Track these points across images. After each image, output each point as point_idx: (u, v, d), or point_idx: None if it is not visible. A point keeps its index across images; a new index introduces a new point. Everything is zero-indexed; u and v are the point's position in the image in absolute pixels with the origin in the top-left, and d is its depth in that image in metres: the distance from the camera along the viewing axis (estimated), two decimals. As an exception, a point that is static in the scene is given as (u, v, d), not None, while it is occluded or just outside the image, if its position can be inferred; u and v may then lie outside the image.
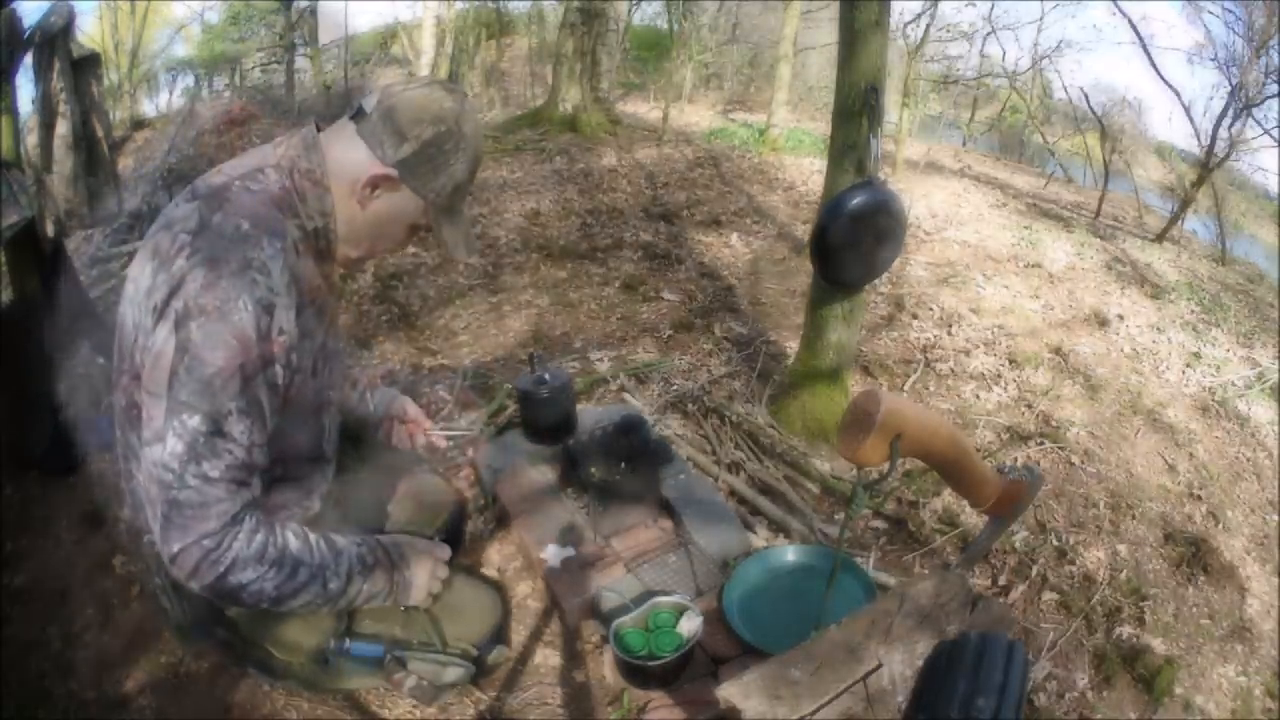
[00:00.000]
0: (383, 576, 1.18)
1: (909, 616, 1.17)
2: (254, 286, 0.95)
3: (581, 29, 6.61)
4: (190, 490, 0.95)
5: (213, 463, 0.96)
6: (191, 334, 0.93)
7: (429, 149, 1.06)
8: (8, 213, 2.10)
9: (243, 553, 1.00)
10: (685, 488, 1.96)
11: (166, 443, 0.94)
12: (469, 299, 3.47)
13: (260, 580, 1.02)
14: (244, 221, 0.98)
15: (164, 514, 0.96)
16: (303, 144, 1.07)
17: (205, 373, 0.93)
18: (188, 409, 0.93)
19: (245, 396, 0.97)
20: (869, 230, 2.10)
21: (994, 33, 7.87)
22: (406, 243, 1.19)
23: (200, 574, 0.99)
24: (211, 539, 0.97)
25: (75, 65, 2.60)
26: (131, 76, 9.53)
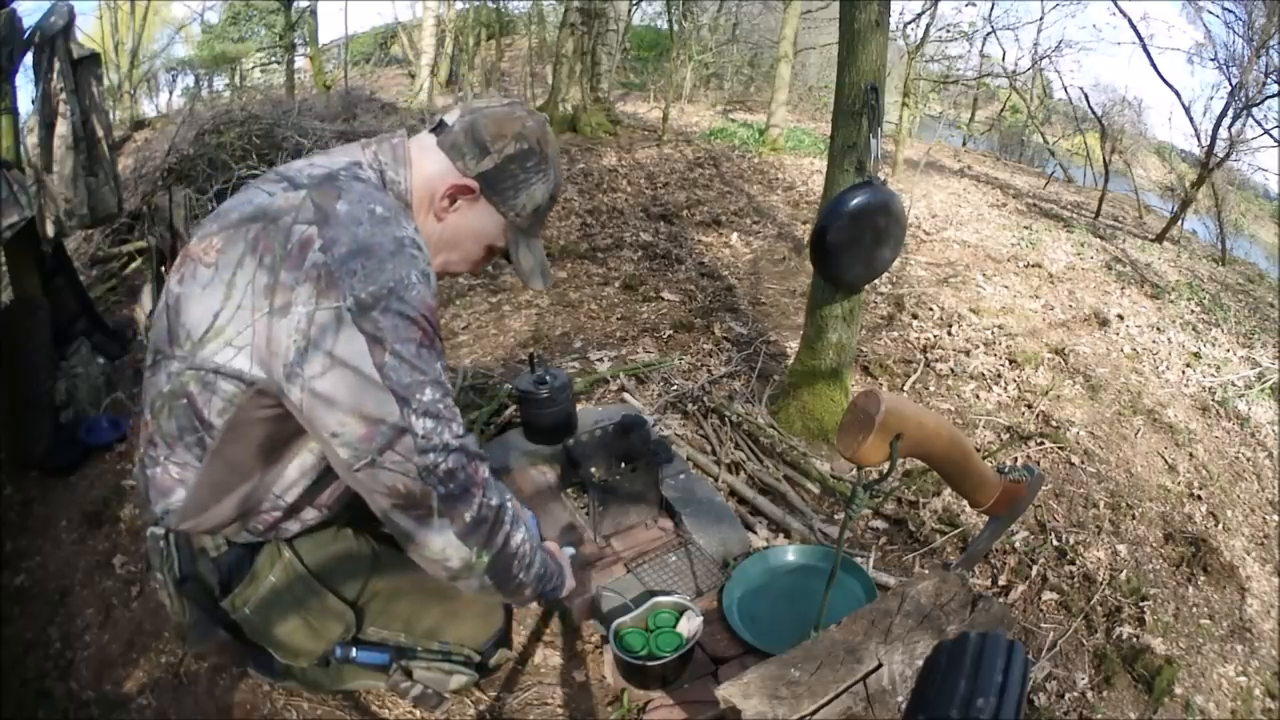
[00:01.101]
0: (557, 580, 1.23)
1: (909, 616, 1.17)
2: (414, 261, 0.95)
3: (581, 29, 6.62)
4: (454, 454, 0.94)
5: (458, 422, 0.96)
6: (380, 324, 0.90)
7: (511, 164, 1.05)
8: (8, 213, 2.10)
9: (513, 510, 1.03)
10: (685, 488, 1.96)
11: (414, 427, 0.92)
12: (469, 299, 3.47)
13: (526, 541, 1.06)
14: (376, 205, 0.96)
15: (441, 495, 0.94)
16: (389, 152, 1.06)
17: (411, 350, 0.92)
18: (416, 387, 0.92)
19: (443, 355, 0.98)
20: (869, 230, 2.10)
21: (994, 33, 7.89)
22: (481, 265, 1.17)
23: (494, 538, 0.99)
24: (494, 492, 0.99)
25: (75, 65, 2.60)
26: (131, 76, 9.53)
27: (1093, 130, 7.29)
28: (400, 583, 1.32)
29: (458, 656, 1.35)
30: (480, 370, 2.76)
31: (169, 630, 1.62)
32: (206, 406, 0.99)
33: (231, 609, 1.17)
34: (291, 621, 1.20)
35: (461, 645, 1.36)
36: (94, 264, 3.57)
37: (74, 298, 2.69)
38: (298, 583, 1.19)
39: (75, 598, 1.77)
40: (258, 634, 1.20)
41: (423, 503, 0.94)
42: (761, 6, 11.50)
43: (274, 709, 1.45)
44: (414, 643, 1.32)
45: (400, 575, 1.32)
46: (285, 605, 1.19)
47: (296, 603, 1.19)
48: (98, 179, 2.74)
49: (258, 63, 12.18)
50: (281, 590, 1.18)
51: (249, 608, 1.17)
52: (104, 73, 4.93)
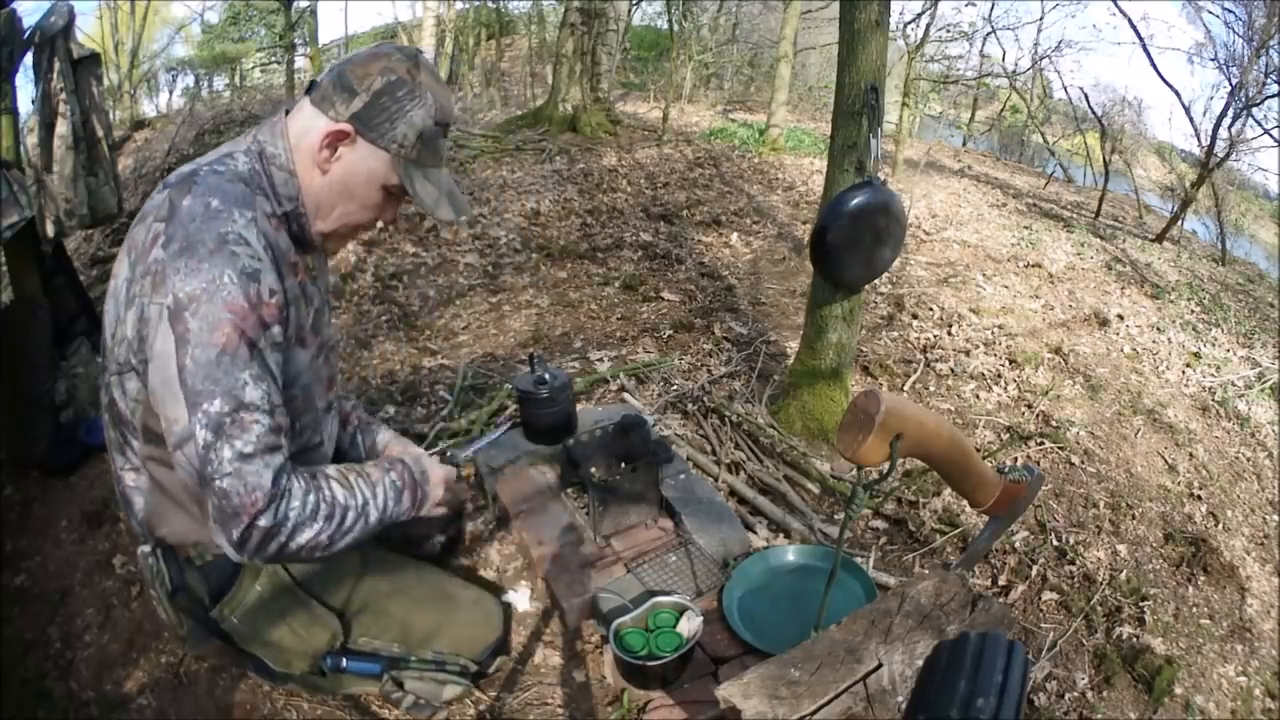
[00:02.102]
0: (409, 496, 1.18)
1: (909, 616, 1.17)
2: (234, 259, 0.94)
3: (581, 29, 6.61)
4: (230, 476, 0.94)
5: (243, 439, 0.94)
6: (188, 325, 0.92)
7: (381, 98, 1.03)
8: (8, 213, 2.10)
9: (299, 517, 1.00)
10: (685, 488, 1.96)
11: (196, 436, 0.93)
12: (469, 299, 3.47)
13: (316, 535, 1.03)
14: (213, 199, 0.97)
15: (215, 506, 0.96)
16: (269, 129, 1.08)
17: (211, 355, 0.92)
18: (205, 396, 0.92)
19: (255, 362, 0.96)
20: (869, 230, 2.10)
21: (994, 33, 7.87)
22: (387, 211, 1.14)
23: (264, 550, 0.99)
24: (265, 516, 0.97)
25: (75, 65, 2.59)
26: (131, 76, 9.53)
27: (1093, 130, 7.29)
28: (391, 590, 1.32)
29: (453, 666, 1.35)
30: (480, 370, 2.76)
31: (169, 630, 1.62)
32: (125, 405, 1.05)
33: (220, 618, 1.19)
34: (279, 630, 1.21)
35: (458, 655, 1.35)
36: (94, 264, 3.57)
37: (74, 298, 2.69)
38: (283, 592, 1.21)
39: (75, 598, 1.77)
40: (247, 641, 1.22)
41: (203, 504, 0.97)
42: (761, 6, 11.51)
43: (274, 709, 1.45)
44: (407, 652, 1.32)
45: (391, 583, 1.33)
46: (272, 614, 1.20)
47: (283, 611, 1.21)
48: (98, 179, 2.73)
49: (258, 63, 12.19)
50: (267, 599, 1.20)
51: (236, 616, 1.19)
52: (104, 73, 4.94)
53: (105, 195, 2.79)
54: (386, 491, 1.14)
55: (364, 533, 1.11)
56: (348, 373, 2.77)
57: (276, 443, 0.98)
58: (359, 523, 1.09)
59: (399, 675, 1.32)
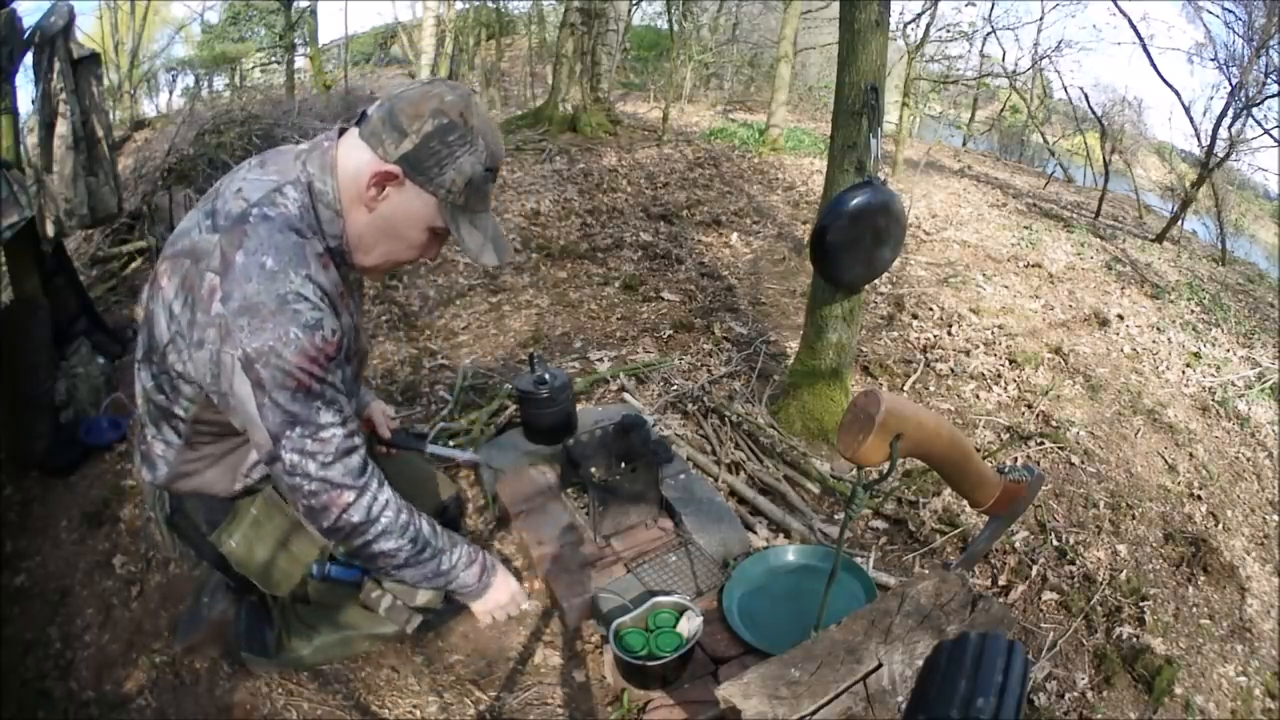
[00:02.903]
0: (475, 574, 1.25)
1: (909, 616, 1.17)
2: (297, 316, 1.00)
3: (581, 29, 6.61)
4: (316, 482, 1.06)
5: (324, 453, 1.05)
6: (260, 375, 1.00)
7: (431, 142, 1.03)
8: (8, 213, 2.10)
9: (389, 525, 1.12)
10: (685, 488, 1.96)
11: (283, 459, 1.04)
12: (469, 299, 3.47)
13: (395, 549, 1.13)
14: (266, 259, 0.99)
15: (306, 507, 1.08)
16: (319, 161, 1.07)
17: (285, 397, 1.01)
18: (286, 427, 1.03)
19: (324, 393, 1.05)
20: (869, 230, 2.10)
21: (994, 33, 7.87)
22: (430, 249, 1.16)
23: (350, 541, 1.11)
24: (356, 511, 1.09)
25: (75, 65, 2.59)
26: (131, 76, 9.54)
27: (1093, 130, 7.29)
28: None
29: None
30: (480, 370, 2.76)
31: (168, 630, 1.62)
32: (174, 404, 1.14)
33: (219, 542, 1.29)
34: (271, 547, 1.31)
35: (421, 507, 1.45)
36: (94, 264, 3.57)
37: (74, 298, 2.69)
38: (277, 513, 1.30)
39: (75, 598, 1.78)
40: (242, 565, 1.32)
41: (293, 501, 1.09)
42: (761, 6, 11.50)
43: (274, 709, 1.45)
44: None
45: None
46: (266, 533, 1.30)
47: (275, 529, 1.31)
48: (98, 179, 2.73)
49: (258, 63, 12.19)
50: (262, 520, 1.30)
51: (234, 539, 1.29)
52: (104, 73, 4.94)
53: (105, 195, 2.79)
54: (461, 554, 1.23)
55: (432, 574, 1.20)
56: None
57: (352, 444, 1.08)
58: (430, 562, 1.18)
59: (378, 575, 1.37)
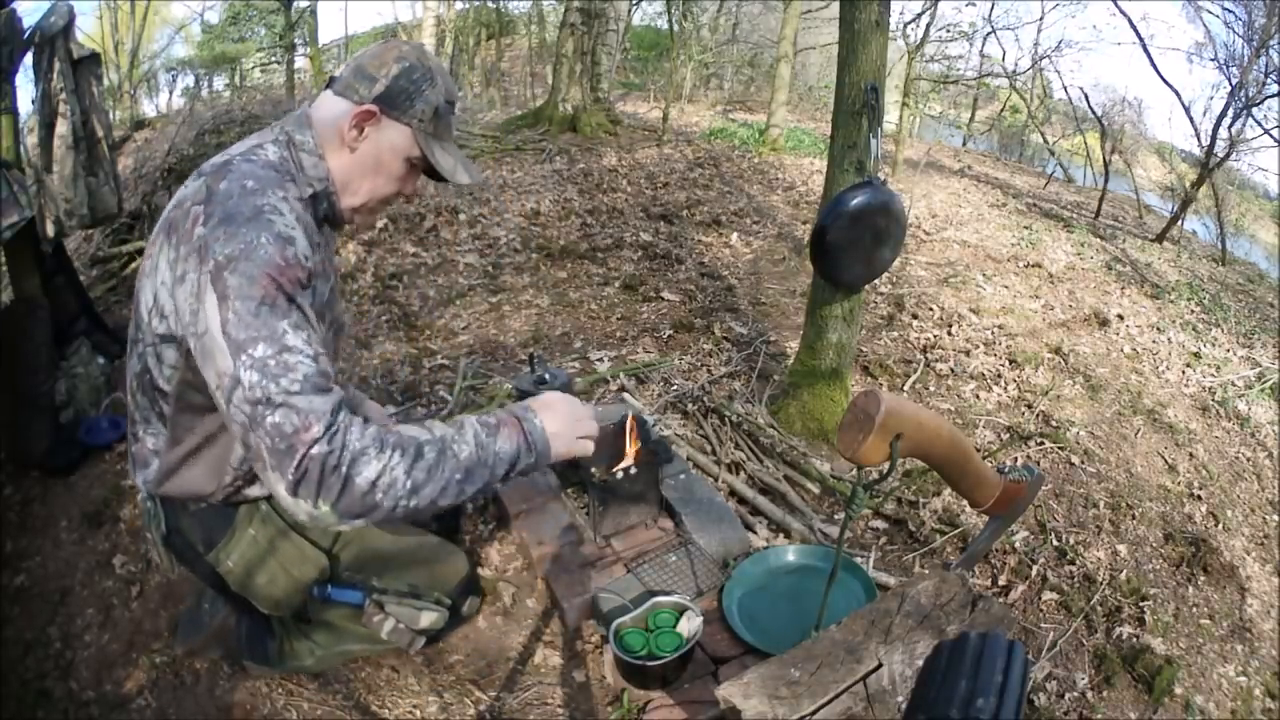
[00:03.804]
0: (512, 432, 1.06)
1: (909, 616, 1.17)
2: (270, 224, 1.02)
3: (581, 29, 6.61)
4: (280, 409, 0.93)
5: (289, 377, 0.95)
6: (228, 283, 0.97)
7: (399, 81, 1.15)
8: (8, 213, 2.10)
9: (358, 444, 0.95)
10: (685, 488, 1.96)
11: (242, 381, 0.94)
12: (469, 299, 3.47)
13: (388, 470, 0.95)
14: (249, 180, 1.06)
15: (269, 448, 0.93)
16: (295, 121, 1.18)
17: (251, 306, 0.97)
18: (249, 343, 0.95)
19: (294, 312, 1.00)
20: (869, 230, 2.10)
21: (994, 33, 7.88)
22: (408, 182, 1.24)
23: (328, 486, 0.93)
24: (320, 444, 0.93)
25: (75, 65, 2.59)
26: (131, 76, 9.54)
27: (1093, 130, 7.29)
28: (372, 538, 1.42)
29: (429, 598, 1.45)
30: (480, 370, 2.76)
31: (168, 630, 1.62)
32: (159, 375, 1.13)
33: (216, 562, 1.28)
34: (270, 568, 1.30)
35: (432, 589, 1.46)
36: (94, 264, 3.57)
37: (74, 298, 2.69)
38: (276, 534, 1.29)
39: (75, 598, 1.77)
40: (241, 585, 1.30)
41: (258, 453, 0.95)
42: (761, 6, 11.51)
43: (274, 709, 1.45)
44: (385, 585, 1.42)
45: (372, 533, 1.42)
46: (264, 554, 1.29)
47: (274, 550, 1.29)
48: (98, 179, 2.73)
49: (258, 63, 12.20)
50: (260, 540, 1.28)
51: (231, 560, 1.28)
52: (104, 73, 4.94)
53: (105, 195, 2.79)
54: (475, 427, 1.04)
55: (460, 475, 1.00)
56: (348, 373, 2.77)
57: (325, 384, 0.97)
58: (444, 460, 0.99)
59: (380, 599, 1.41)
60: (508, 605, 1.72)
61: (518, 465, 1.06)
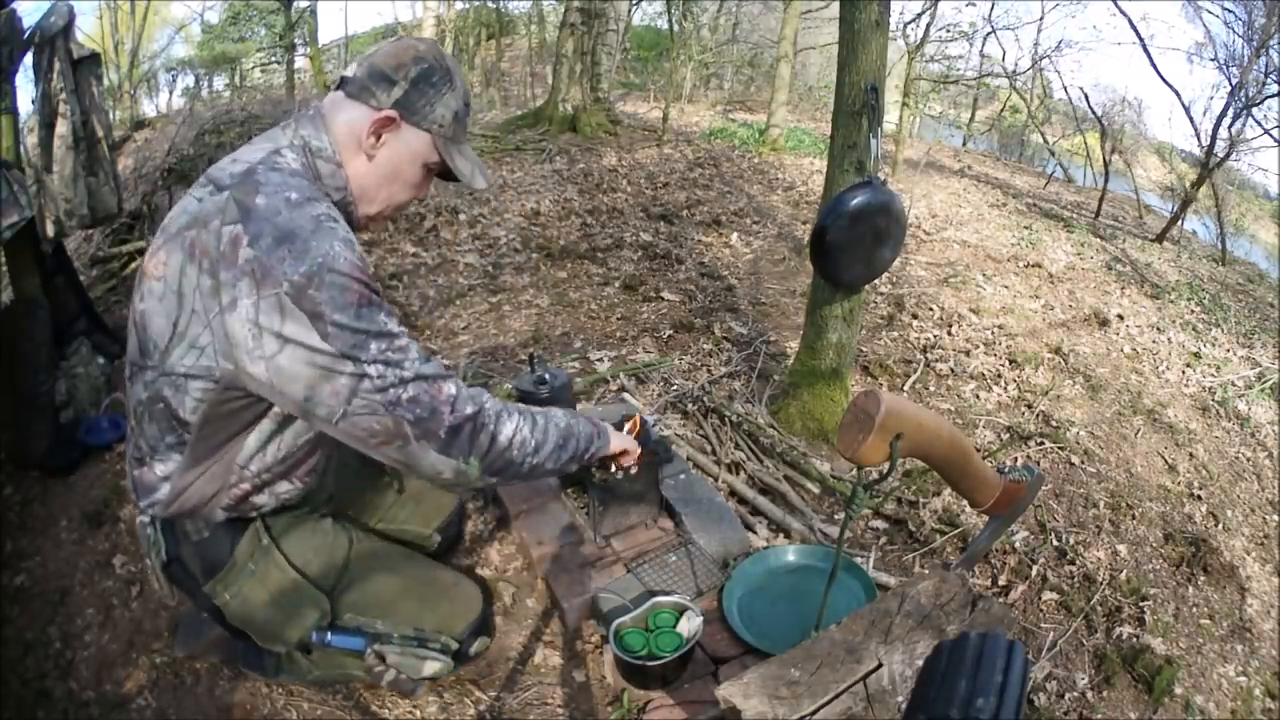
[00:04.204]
0: (586, 425, 1.22)
1: (909, 616, 1.17)
2: (334, 231, 0.99)
3: (581, 29, 6.61)
4: (412, 383, 0.99)
5: (409, 358, 1.00)
6: (316, 300, 0.95)
7: (419, 84, 1.11)
8: (8, 213, 2.10)
9: (494, 406, 1.06)
10: (685, 488, 1.96)
11: (369, 375, 0.97)
12: (469, 299, 3.47)
13: (519, 430, 1.08)
14: (290, 193, 1.01)
15: (412, 420, 0.99)
16: (310, 124, 1.12)
17: (349, 313, 0.96)
18: (360, 346, 0.97)
19: (384, 303, 1.01)
20: (869, 230, 2.10)
21: (994, 33, 7.89)
22: (423, 187, 1.22)
23: (478, 443, 1.03)
24: (464, 403, 1.02)
25: (75, 65, 2.59)
26: (131, 76, 9.54)
27: (1093, 130, 7.29)
28: (376, 576, 1.36)
29: (434, 644, 1.38)
30: (480, 370, 2.76)
31: (168, 630, 1.62)
32: (181, 407, 1.06)
33: (213, 594, 1.22)
34: (270, 608, 1.25)
35: (439, 633, 1.39)
36: (94, 264, 3.57)
37: (74, 298, 2.69)
38: (275, 571, 1.24)
39: (75, 598, 1.77)
40: (239, 619, 1.26)
41: (398, 433, 1.00)
42: (761, 6, 11.50)
43: (274, 709, 1.45)
44: (390, 629, 1.36)
45: (377, 570, 1.37)
46: (263, 592, 1.24)
47: (274, 590, 1.24)
48: (98, 179, 2.73)
49: (258, 63, 12.20)
50: (260, 578, 1.23)
51: (229, 594, 1.22)
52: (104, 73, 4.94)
53: (105, 195, 2.79)
54: (562, 413, 1.19)
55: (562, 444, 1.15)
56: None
57: (429, 353, 1.02)
58: (550, 428, 1.13)
59: (382, 649, 1.36)
60: (508, 605, 1.72)
61: (592, 446, 1.23)
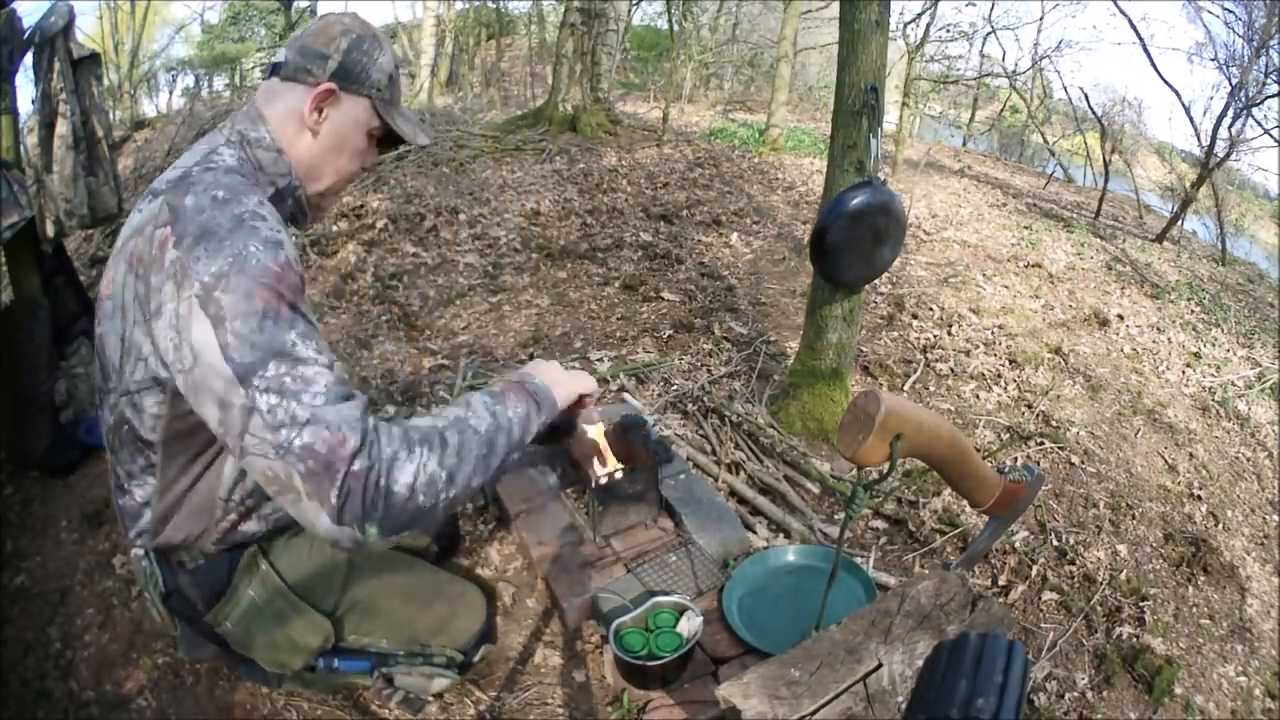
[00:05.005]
0: (518, 397, 1.06)
1: (909, 616, 1.17)
2: (255, 231, 0.93)
3: (581, 29, 6.61)
4: (308, 427, 0.84)
5: (310, 391, 0.86)
6: (221, 303, 0.87)
7: (352, 52, 1.11)
8: (8, 213, 2.10)
9: (389, 450, 0.87)
10: (685, 488, 1.96)
11: (259, 407, 0.84)
12: (469, 299, 3.47)
13: (423, 469, 0.88)
14: (217, 190, 0.96)
15: (304, 473, 0.83)
16: (245, 118, 1.12)
17: (252, 323, 0.86)
18: (258, 365, 0.85)
19: (299, 320, 0.90)
20: (869, 230, 2.10)
21: (994, 33, 7.90)
22: (368, 156, 1.20)
23: (372, 505, 0.84)
24: (360, 459, 0.84)
25: (75, 65, 2.59)
26: (131, 76, 9.54)
27: (1093, 130, 7.30)
28: (379, 588, 1.34)
29: (439, 659, 1.37)
30: (480, 370, 2.76)
31: (164, 632, 1.62)
32: (142, 426, 1.03)
33: (214, 623, 1.20)
34: (272, 634, 1.23)
35: (444, 646, 1.37)
36: (94, 264, 3.57)
37: (74, 298, 2.69)
38: (275, 597, 1.22)
39: (75, 598, 1.77)
40: (241, 646, 1.23)
41: (289, 485, 0.85)
42: (761, 6, 11.51)
43: (274, 709, 1.45)
44: (395, 648, 1.34)
45: (379, 580, 1.35)
46: (264, 619, 1.22)
47: (275, 616, 1.22)
48: (98, 179, 2.73)
49: (258, 63, 12.19)
50: (260, 605, 1.21)
51: (230, 622, 1.20)
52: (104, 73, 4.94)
53: (105, 195, 2.79)
54: (484, 400, 1.02)
55: (485, 448, 0.97)
56: (348, 373, 2.77)
57: (347, 390, 0.89)
58: (467, 440, 0.95)
59: (389, 671, 1.34)
60: (508, 605, 1.72)
61: (530, 425, 1.06)
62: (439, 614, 1.38)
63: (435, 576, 1.46)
